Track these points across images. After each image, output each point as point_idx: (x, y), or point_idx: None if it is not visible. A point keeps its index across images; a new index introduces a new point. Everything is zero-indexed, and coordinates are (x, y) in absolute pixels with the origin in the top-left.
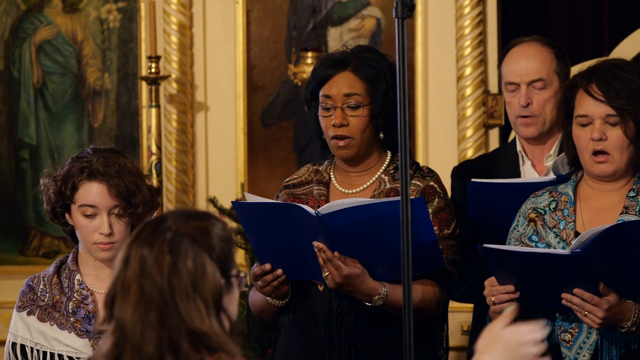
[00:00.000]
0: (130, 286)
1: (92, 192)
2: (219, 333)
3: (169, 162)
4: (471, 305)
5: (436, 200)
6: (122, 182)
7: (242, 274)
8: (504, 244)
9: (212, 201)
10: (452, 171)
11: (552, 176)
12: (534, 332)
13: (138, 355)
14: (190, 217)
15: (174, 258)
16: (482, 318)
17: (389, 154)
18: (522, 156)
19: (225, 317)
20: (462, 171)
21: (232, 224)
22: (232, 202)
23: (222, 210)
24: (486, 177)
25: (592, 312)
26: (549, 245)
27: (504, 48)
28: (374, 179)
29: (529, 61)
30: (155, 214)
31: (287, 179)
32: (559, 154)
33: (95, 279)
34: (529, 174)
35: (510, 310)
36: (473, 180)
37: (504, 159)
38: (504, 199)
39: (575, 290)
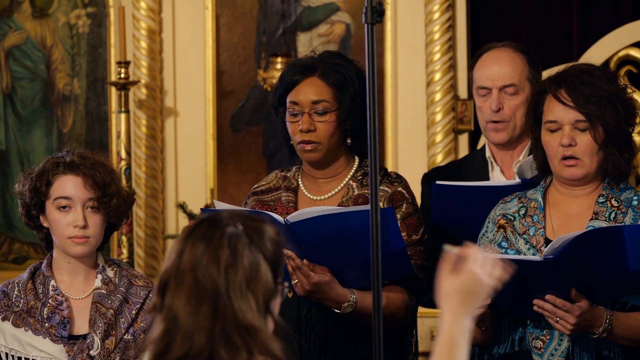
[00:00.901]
0: (185, 276)
1: (67, 185)
2: (267, 331)
3: (138, 167)
4: (441, 311)
5: (404, 206)
6: (97, 172)
7: (285, 284)
8: None
9: (182, 206)
10: (422, 177)
11: (517, 180)
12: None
13: (188, 345)
14: (247, 217)
15: (232, 252)
16: None
17: (357, 160)
18: (492, 162)
19: (272, 319)
20: (432, 177)
21: None
22: (201, 209)
23: (191, 216)
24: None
25: (564, 318)
26: (518, 252)
27: (476, 52)
28: (342, 185)
29: (502, 66)
30: (124, 220)
31: (255, 186)
32: None
33: (70, 284)
34: (498, 179)
35: (448, 249)
36: (438, 182)
37: (473, 165)
38: (468, 201)
39: (547, 297)
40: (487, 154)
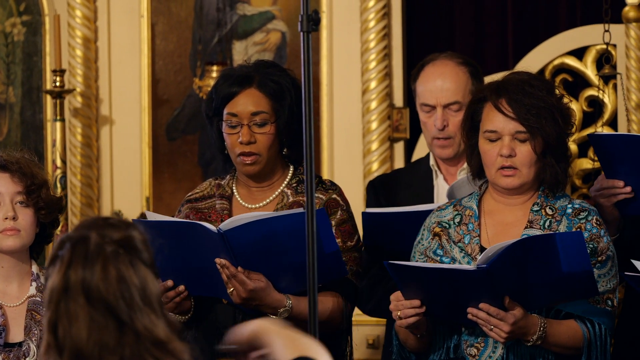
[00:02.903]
0: (78, 312)
1: None
2: (174, 339)
3: (73, 175)
4: (376, 319)
5: (339, 213)
6: (23, 165)
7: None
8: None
9: (117, 215)
10: (368, 185)
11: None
12: None
13: None
14: (113, 227)
15: (120, 276)
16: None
17: (292, 168)
18: (435, 171)
19: (169, 320)
20: (378, 185)
21: None
22: (132, 220)
23: None
24: (401, 190)
25: (498, 326)
26: (454, 260)
27: (418, 64)
28: (276, 193)
29: (445, 82)
30: (60, 228)
31: (189, 193)
32: None
33: (4, 292)
34: (441, 187)
35: None
36: (365, 211)
37: (417, 173)
38: (399, 226)
39: (481, 305)
40: (431, 162)
